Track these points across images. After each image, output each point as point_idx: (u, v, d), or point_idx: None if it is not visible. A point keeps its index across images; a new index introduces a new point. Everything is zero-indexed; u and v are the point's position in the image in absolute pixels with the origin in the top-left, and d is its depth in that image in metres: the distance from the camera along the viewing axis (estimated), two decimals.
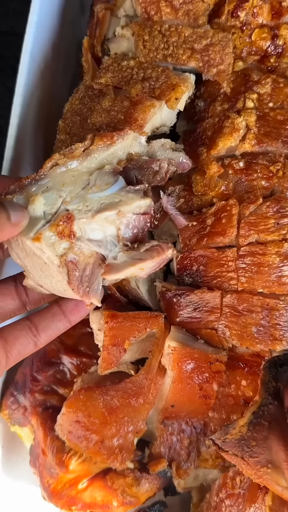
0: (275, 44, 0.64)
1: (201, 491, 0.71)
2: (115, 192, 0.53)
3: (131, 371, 0.65)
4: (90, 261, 0.53)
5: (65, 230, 0.49)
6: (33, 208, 0.50)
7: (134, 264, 0.53)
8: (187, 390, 0.61)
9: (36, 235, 0.48)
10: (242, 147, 0.61)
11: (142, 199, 0.53)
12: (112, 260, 0.54)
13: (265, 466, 0.49)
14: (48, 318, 0.58)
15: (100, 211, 0.51)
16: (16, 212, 0.48)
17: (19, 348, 0.57)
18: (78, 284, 0.52)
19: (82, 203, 0.51)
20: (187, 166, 0.61)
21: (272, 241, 0.58)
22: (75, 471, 0.66)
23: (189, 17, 0.64)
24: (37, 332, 0.58)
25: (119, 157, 0.56)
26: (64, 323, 0.59)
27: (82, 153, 0.53)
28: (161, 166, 0.57)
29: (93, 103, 0.61)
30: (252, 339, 0.59)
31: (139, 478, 0.66)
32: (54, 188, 0.51)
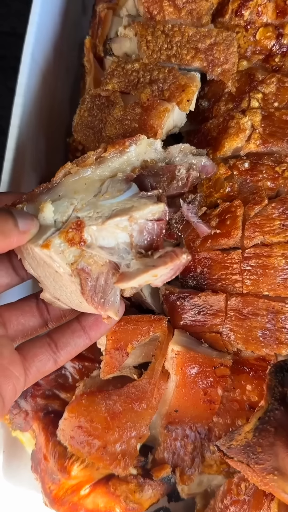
0: (280, 43, 0.63)
1: (205, 497, 0.70)
2: (127, 198, 0.51)
3: (134, 376, 0.64)
4: (103, 270, 0.52)
5: (75, 237, 0.48)
6: (43, 217, 0.49)
7: (147, 271, 0.51)
8: (191, 394, 0.60)
9: (45, 242, 0.48)
10: (247, 147, 0.60)
11: (155, 204, 0.51)
12: (125, 268, 0.52)
13: (271, 473, 0.47)
14: (67, 335, 0.57)
15: (111, 217, 0.50)
16: (24, 220, 0.48)
17: (38, 365, 0.55)
18: (92, 294, 0.51)
19: (93, 210, 0.50)
20: (211, 169, 0.59)
21: (278, 242, 0.57)
22: (77, 477, 0.65)
23: (192, 17, 0.64)
24: (57, 349, 0.56)
25: (133, 164, 0.54)
26: (84, 339, 0.58)
27: (94, 161, 0.52)
28: (180, 172, 0.56)
29: (104, 114, 0.61)
30: (257, 343, 0.58)
31: (142, 484, 0.65)
32: (66, 196, 0.50)
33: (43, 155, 0.77)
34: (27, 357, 0.55)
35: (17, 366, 0.53)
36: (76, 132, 0.61)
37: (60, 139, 0.83)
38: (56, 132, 0.81)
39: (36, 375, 0.56)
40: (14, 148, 0.66)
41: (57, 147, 0.82)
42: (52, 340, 0.57)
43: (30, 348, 0.56)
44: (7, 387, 0.51)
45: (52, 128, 0.80)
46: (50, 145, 0.80)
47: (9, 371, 0.52)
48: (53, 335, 0.57)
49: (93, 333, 0.58)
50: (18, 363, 0.54)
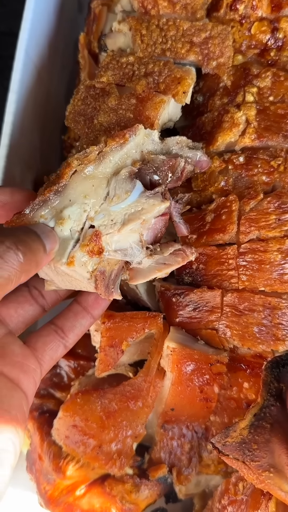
0: (275, 38, 0.62)
1: (203, 497, 0.69)
2: (136, 200, 0.53)
3: (130, 374, 0.63)
4: (116, 267, 0.54)
5: (95, 248, 0.50)
6: (61, 229, 0.50)
7: (161, 269, 0.55)
8: (187, 392, 0.60)
9: (69, 259, 0.49)
10: (242, 141, 0.59)
11: (162, 203, 0.53)
12: (136, 265, 0.54)
13: (267, 470, 0.46)
14: (71, 318, 0.59)
15: (125, 224, 0.52)
16: (49, 240, 0.48)
17: (50, 353, 0.56)
18: (105, 289, 0.53)
19: (107, 217, 0.51)
20: (206, 164, 0.59)
21: (274, 237, 0.56)
22: (73, 477, 0.64)
23: (187, 11, 0.63)
24: (64, 334, 0.58)
25: (132, 157, 0.54)
26: (88, 319, 0.59)
27: (97, 157, 0.52)
28: (179, 166, 0.56)
29: (98, 103, 0.60)
30: (254, 339, 0.57)
31: (138, 484, 0.64)
32: (77, 201, 0.51)
33: (38, 152, 0.76)
34: (37, 347, 0.56)
35: (31, 359, 0.54)
36: (67, 120, 0.61)
37: (55, 136, 0.82)
38: (51, 129, 0.81)
39: (50, 362, 0.57)
40: (8, 145, 0.66)
41: (52, 144, 0.82)
42: (58, 326, 0.58)
43: (38, 339, 0.57)
44: (28, 382, 0.52)
45: (47, 125, 0.79)
46: (45, 142, 0.79)
47: (26, 366, 0.53)
48: (57, 322, 0.58)
49: (95, 311, 0.59)
50: (31, 356, 0.54)
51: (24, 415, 0.50)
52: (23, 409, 0.50)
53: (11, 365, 0.52)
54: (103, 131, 0.57)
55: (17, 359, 0.53)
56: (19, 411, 0.49)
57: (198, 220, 0.61)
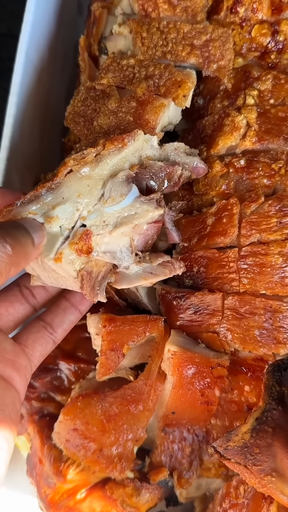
0: (276, 40, 0.62)
1: (204, 501, 0.69)
2: (130, 204, 0.53)
3: (130, 377, 0.63)
4: (103, 269, 0.54)
5: (84, 247, 0.50)
6: (50, 226, 0.50)
7: (147, 278, 0.56)
8: (188, 396, 0.59)
9: (57, 255, 0.49)
10: (242, 144, 0.59)
11: (156, 210, 0.53)
12: (123, 269, 0.55)
13: (269, 474, 0.46)
14: (60, 314, 0.60)
15: (117, 227, 0.52)
16: (37, 233, 0.48)
17: (40, 349, 0.58)
18: (90, 290, 0.53)
19: (99, 218, 0.51)
20: (202, 171, 0.59)
21: (275, 240, 0.56)
22: (73, 480, 0.64)
23: (187, 14, 0.63)
24: (53, 330, 0.59)
25: (131, 161, 0.55)
26: (76, 314, 0.61)
27: (94, 159, 0.51)
28: (176, 174, 0.57)
29: (98, 105, 0.60)
30: (255, 343, 0.57)
31: (139, 488, 0.63)
32: (70, 199, 0.51)
33: (38, 155, 0.76)
34: (28, 344, 0.57)
35: (22, 356, 0.55)
36: (66, 120, 0.60)
37: (55, 138, 0.82)
38: (51, 131, 0.81)
39: (39, 358, 0.58)
40: (8, 147, 0.66)
41: (52, 147, 0.82)
42: (46, 322, 0.59)
43: (28, 335, 0.57)
44: (20, 379, 0.53)
45: (47, 127, 0.79)
46: (45, 144, 0.79)
47: (18, 363, 0.54)
48: (45, 318, 0.59)
49: (83, 307, 0.61)
50: (22, 353, 0.55)
51: (18, 413, 0.51)
52: (16, 408, 0.51)
53: (4, 363, 0.52)
54: (103, 133, 0.57)
55: (9, 357, 0.53)
56: (13, 410, 0.50)
57: (199, 223, 0.60)
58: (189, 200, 0.63)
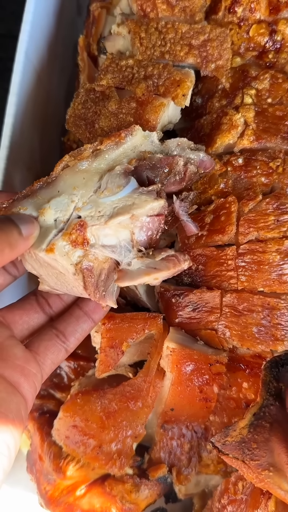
0: (273, 40, 0.63)
1: (203, 497, 0.69)
2: (128, 195, 0.51)
3: (129, 374, 0.63)
4: (105, 266, 0.52)
5: (79, 238, 0.49)
6: (44, 219, 0.49)
7: (150, 273, 0.52)
8: (187, 392, 0.60)
9: (49, 246, 0.48)
10: (240, 143, 0.60)
11: (155, 201, 0.51)
12: (126, 266, 0.53)
13: (267, 469, 0.47)
14: (73, 322, 0.58)
15: (113, 216, 0.50)
16: (25, 225, 0.48)
17: (52, 357, 0.56)
18: (94, 290, 0.51)
19: (95, 209, 0.50)
20: (210, 164, 0.57)
21: (272, 238, 0.57)
22: (73, 477, 0.64)
23: (185, 14, 0.63)
24: (65, 338, 0.58)
25: (129, 156, 0.54)
26: (89, 323, 0.59)
27: (91, 154, 0.52)
28: (177, 164, 0.54)
29: (98, 107, 0.60)
30: (253, 340, 0.58)
31: (138, 484, 0.64)
32: (65, 192, 0.50)
33: (38, 154, 0.77)
34: (39, 351, 0.56)
35: (33, 363, 0.54)
36: (68, 123, 0.61)
37: (55, 138, 0.83)
38: (51, 131, 0.81)
39: (51, 366, 0.57)
40: (8, 147, 0.66)
41: (52, 146, 0.82)
42: (59, 330, 0.58)
43: (40, 343, 0.56)
44: (29, 386, 0.52)
45: (47, 127, 0.80)
46: (44, 144, 0.79)
47: (27, 370, 0.53)
48: (58, 326, 0.58)
49: (96, 316, 0.59)
50: (32, 360, 0.54)
51: (22, 420, 0.50)
52: (21, 414, 0.50)
53: (12, 368, 0.52)
54: (104, 135, 0.58)
55: (18, 363, 0.53)
56: (17, 415, 0.49)
57: (197, 221, 0.61)
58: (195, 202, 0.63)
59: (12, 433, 0.48)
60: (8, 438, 0.47)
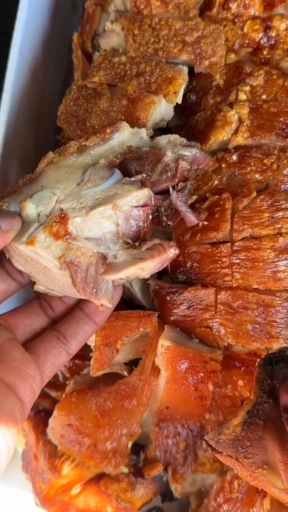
0: (268, 36, 0.62)
1: (199, 496, 0.69)
2: (111, 186, 0.50)
3: (124, 372, 0.63)
4: (92, 261, 0.51)
5: (60, 230, 0.48)
6: (26, 214, 0.49)
7: (134, 263, 0.50)
8: (182, 390, 0.60)
9: (29, 238, 0.48)
10: (235, 140, 0.59)
11: (139, 190, 0.50)
12: (112, 259, 0.51)
13: (261, 467, 0.47)
14: (74, 325, 0.58)
15: (94, 207, 0.49)
16: (5, 218, 0.48)
17: (52, 359, 0.56)
18: (83, 286, 0.50)
19: (76, 201, 0.49)
20: (203, 161, 0.56)
21: (267, 235, 0.56)
22: (68, 476, 0.64)
23: (179, 11, 0.63)
24: (66, 341, 0.57)
25: (116, 152, 0.53)
26: (91, 325, 0.58)
27: (76, 150, 0.51)
28: (165, 156, 0.53)
29: (90, 104, 0.60)
30: (248, 337, 0.58)
31: (133, 483, 0.64)
32: (48, 186, 0.50)
33: (32, 152, 0.77)
34: (39, 354, 0.55)
35: (31, 365, 0.53)
36: (59, 120, 0.61)
37: (49, 136, 0.82)
38: (45, 128, 0.81)
39: (52, 369, 0.56)
40: (2, 144, 0.66)
41: (46, 144, 0.82)
42: (60, 333, 0.57)
43: (40, 345, 0.56)
44: (25, 388, 0.52)
45: (42, 125, 0.79)
46: (39, 141, 0.79)
47: (24, 372, 0.52)
48: (59, 328, 0.58)
49: (98, 318, 0.58)
50: (31, 362, 0.54)
51: (16, 422, 0.49)
52: (15, 415, 0.49)
53: (8, 370, 0.51)
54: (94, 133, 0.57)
55: (16, 365, 0.52)
56: (10, 417, 0.49)
57: None
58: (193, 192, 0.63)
59: (4, 434, 0.47)
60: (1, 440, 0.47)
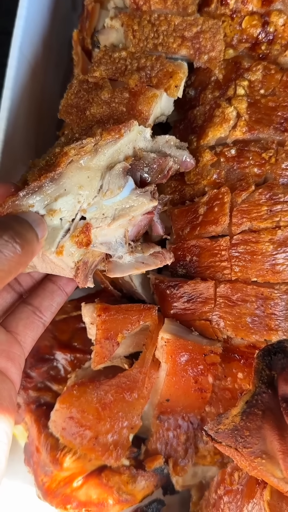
0: (266, 31, 0.63)
1: (200, 489, 0.69)
2: (127, 197, 0.54)
3: (125, 365, 0.64)
4: (97, 259, 0.55)
5: (84, 240, 0.51)
6: (51, 219, 0.50)
7: (139, 268, 0.57)
8: (182, 383, 0.60)
9: (58, 248, 0.50)
10: (233, 134, 0.60)
11: (151, 202, 0.55)
12: (117, 259, 0.56)
13: (259, 456, 0.47)
14: (48, 297, 0.60)
15: (115, 219, 0.53)
16: (39, 228, 0.48)
17: (32, 335, 0.58)
18: (83, 278, 0.54)
19: (99, 211, 0.53)
20: (190, 165, 0.61)
21: (265, 228, 0.57)
22: (70, 468, 0.65)
23: (178, 6, 0.63)
24: (42, 314, 0.59)
25: (125, 152, 0.55)
26: (63, 296, 0.61)
27: (92, 148, 0.52)
28: (168, 165, 0.58)
29: (91, 95, 0.61)
30: (247, 330, 0.58)
31: (135, 475, 0.64)
32: (71, 191, 0.51)
33: (33, 149, 0.77)
34: (18, 331, 0.57)
35: (15, 344, 0.55)
36: (60, 113, 0.61)
37: (50, 132, 0.83)
38: (46, 125, 0.82)
39: (31, 343, 0.58)
40: (3, 141, 0.66)
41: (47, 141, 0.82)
42: (35, 306, 0.59)
43: (19, 322, 0.57)
44: (16, 369, 0.53)
45: (42, 121, 0.80)
46: (40, 138, 0.80)
47: (12, 353, 0.54)
48: (33, 302, 0.59)
49: (69, 289, 0.61)
50: (15, 342, 0.55)
51: (14, 405, 0.51)
52: (13, 400, 0.51)
53: None
54: (96, 122, 0.58)
55: (3, 348, 0.54)
56: (10, 402, 0.50)
57: (191, 212, 0.61)
58: (181, 190, 0.63)
59: (8, 420, 0.49)
60: (5, 425, 0.49)
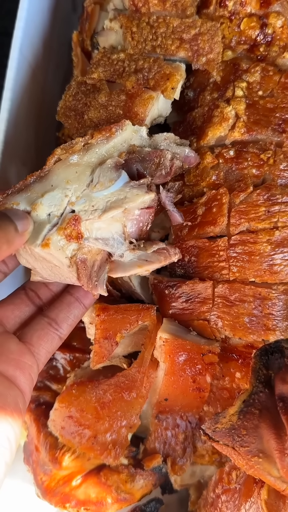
0: (264, 33, 0.63)
1: (198, 488, 0.70)
2: (120, 188, 0.53)
3: (124, 365, 0.64)
4: (98, 258, 0.54)
5: (73, 232, 0.50)
6: (36, 214, 0.50)
7: (142, 266, 0.55)
8: (180, 382, 0.60)
9: (44, 241, 0.49)
10: (232, 135, 0.60)
11: (146, 194, 0.53)
12: (118, 257, 0.54)
13: (256, 455, 0.47)
14: (64, 309, 0.59)
15: (106, 211, 0.51)
16: (21, 221, 0.49)
17: (46, 346, 0.57)
18: (87, 280, 0.53)
19: (88, 203, 0.51)
20: (194, 160, 0.60)
21: (263, 229, 0.57)
22: (69, 467, 0.65)
23: (177, 8, 0.64)
24: (58, 326, 0.58)
25: (120, 150, 0.55)
26: (81, 309, 0.60)
27: (82, 147, 0.52)
28: (165, 158, 0.56)
29: (88, 99, 0.61)
30: (245, 330, 0.58)
31: (133, 474, 0.65)
32: (59, 186, 0.51)
33: (33, 149, 0.78)
34: (33, 342, 0.56)
35: (27, 355, 0.55)
36: (58, 115, 0.62)
37: (50, 133, 0.83)
38: (46, 126, 0.82)
39: (46, 355, 0.57)
40: (3, 142, 0.67)
41: (47, 141, 0.83)
42: (51, 318, 0.58)
43: (33, 333, 0.57)
44: (25, 379, 0.53)
45: (42, 122, 0.80)
46: (40, 139, 0.80)
47: (22, 362, 0.54)
48: (49, 314, 0.59)
49: (87, 301, 0.60)
50: (27, 352, 0.55)
51: (20, 412, 0.51)
52: (19, 406, 0.51)
53: (7, 363, 0.53)
54: (93, 127, 0.58)
55: (13, 357, 0.53)
56: (15, 409, 0.50)
57: (189, 213, 0.61)
58: (181, 191, 0.64)
59: (11, 426, 0.49)
60: (8, 431, 0.49)
